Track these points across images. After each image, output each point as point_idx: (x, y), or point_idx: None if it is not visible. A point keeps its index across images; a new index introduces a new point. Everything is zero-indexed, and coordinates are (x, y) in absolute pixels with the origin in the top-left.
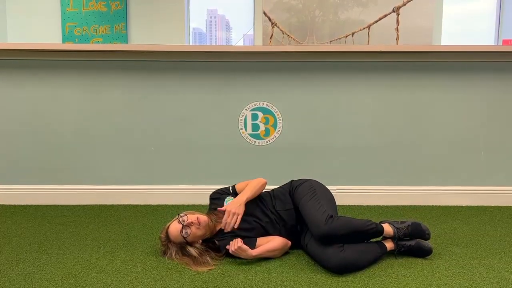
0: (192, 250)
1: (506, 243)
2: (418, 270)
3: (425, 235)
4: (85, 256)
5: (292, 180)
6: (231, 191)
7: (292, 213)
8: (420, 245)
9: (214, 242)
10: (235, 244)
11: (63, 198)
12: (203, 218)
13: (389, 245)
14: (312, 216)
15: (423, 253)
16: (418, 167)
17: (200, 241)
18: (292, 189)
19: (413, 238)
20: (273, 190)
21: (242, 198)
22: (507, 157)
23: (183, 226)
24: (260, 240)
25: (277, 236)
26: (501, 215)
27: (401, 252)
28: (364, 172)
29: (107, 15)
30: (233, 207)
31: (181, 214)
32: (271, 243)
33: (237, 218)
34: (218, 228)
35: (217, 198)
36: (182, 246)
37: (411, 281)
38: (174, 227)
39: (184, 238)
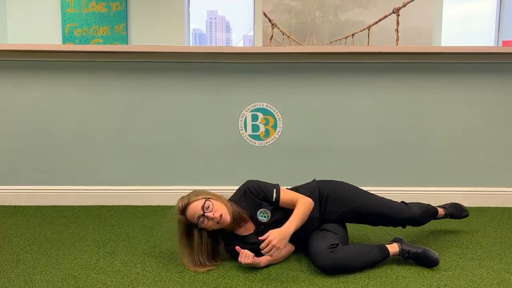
0: (196, 235)
1: (506, 244)
2: (418, 271)
3: (430, 265)
4: (85, 257)
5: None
6: (273, 200)
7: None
8: (427, 254)
9: (220, 243)
10: (246, 258)
11: (63, 199)
12: (227, 219)
13: (393, 249)
14: (315, 247)
15: (429, 263)
16: (418, 168)
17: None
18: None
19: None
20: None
21: (290, 229)
22: (507, 158)
23: (204, 214)
24: None
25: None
26: (501, 216)
27: (405, 257)
28: (364, 173)
29: (107, 16)
30: (278, 240)
31: (209, 198)
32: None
33: (275, 251)
34: (239, 228)
35: (253, 198)
36: (191, 225)
37: (411, 282)
38: (195, 208)
39: (197, 223)
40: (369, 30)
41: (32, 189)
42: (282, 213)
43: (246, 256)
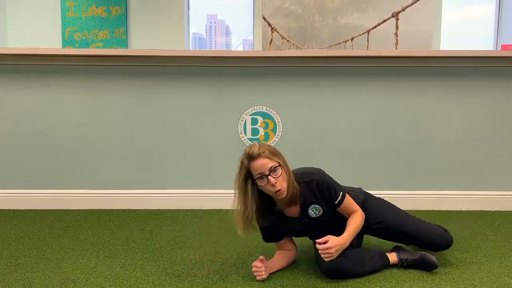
0: (250, 187)
1: (506, 248)
2: (418, 275)
3: (429, 269)
4: (84, 261)
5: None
6: (335, 203)
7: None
8: (425, 259)
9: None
10: (260, 275)
11: (62, 203)
12: (283, 195)
13: (392, 258)
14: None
15: (428, 267)
16: (417, 172)
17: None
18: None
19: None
20: None
21: (348, 242)
22: (506, 162)
23: (268, 176)
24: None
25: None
26: (501, 219)
27: (404, 266)
28: (363, 176)
29: (107, 20)
30: (335, 250)
31: (282, 166)
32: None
33: (329, 257)
34: (285, 207)
35: (314, 191)
36: (251, 177)
37: (411, 286)
38: (264, 165)
39: (255, 178)
40: (368, 34)
41: (31, 193)
42: (331, 216)
43: (259, 274)
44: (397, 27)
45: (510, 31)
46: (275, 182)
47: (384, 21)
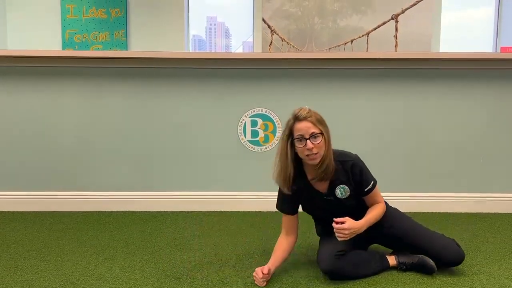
0: (289, 146)
1: (506, 250)
2: (418, 277)
3: (428, 272)
4: (83, 263)
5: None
6: (365, 189)
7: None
8: (423, 262)
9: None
10: (261, 283)
11: (62, 205)
12: (316, 161)
13: (391, 261)
14: (322, 250)
15: (426, 270)
16: (417, 174)
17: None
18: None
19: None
20: None
21: (363, 228)
22: (506, 164)
23: (307, 139)
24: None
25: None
26: (501, 222)
27: (403, 270)
28: None
29: (107, 22)
30: (350, 233)
31: (323, 136)
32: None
33: (342, 237)
34: (316, 181)
35: (347, 173)
36: (291, 137)
37: None
38: (306, 128)
39: (294, 138)
40: (368, 36)
41: (31, 195)
42: (354, 202)
43: (259, 283)
44: (396, 29)
45: (509, 33)
46: (312, 147)
47: (384, 23)
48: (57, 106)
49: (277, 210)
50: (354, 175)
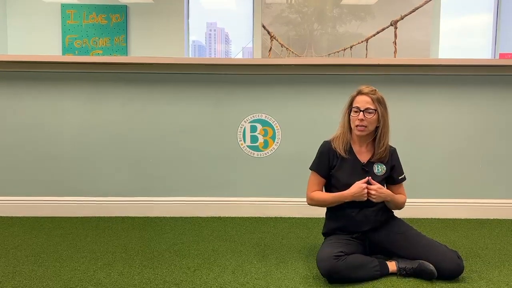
0: (347, 113)
1: (506, 256)
2: (417, 283)
3: (428, 278)
4: (82, 269)
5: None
6: (399, 178)
7: None
8: (423, 267)
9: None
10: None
11: (61, 210)
12: (362, 133)
13: (391, 267)
14: (322, 251)
15: (426, 275)
16: (416, 180)
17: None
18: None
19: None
20: None
21: (388, 197)
22: (505, 170)
23: (360, 112)
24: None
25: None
26: (500, 228)
27: (403, 275)
28: None
29: (107, 28)
30: (377, 195)
31: (379, 114)
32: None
33: (365, 195)
34: (362, 152)
35: (390, 156)
36: (350, 107)
37: None
38: (365, 102)
39: (351, 107)
40: (367, 42)
41: (29, 200)
42: (384, 185)
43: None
44: (395, 36)
45: (508, 40)
46: (363, 120)
47: (383, 29)
48: (57, 111)
49: (311, 170)
50: (394, 161)
